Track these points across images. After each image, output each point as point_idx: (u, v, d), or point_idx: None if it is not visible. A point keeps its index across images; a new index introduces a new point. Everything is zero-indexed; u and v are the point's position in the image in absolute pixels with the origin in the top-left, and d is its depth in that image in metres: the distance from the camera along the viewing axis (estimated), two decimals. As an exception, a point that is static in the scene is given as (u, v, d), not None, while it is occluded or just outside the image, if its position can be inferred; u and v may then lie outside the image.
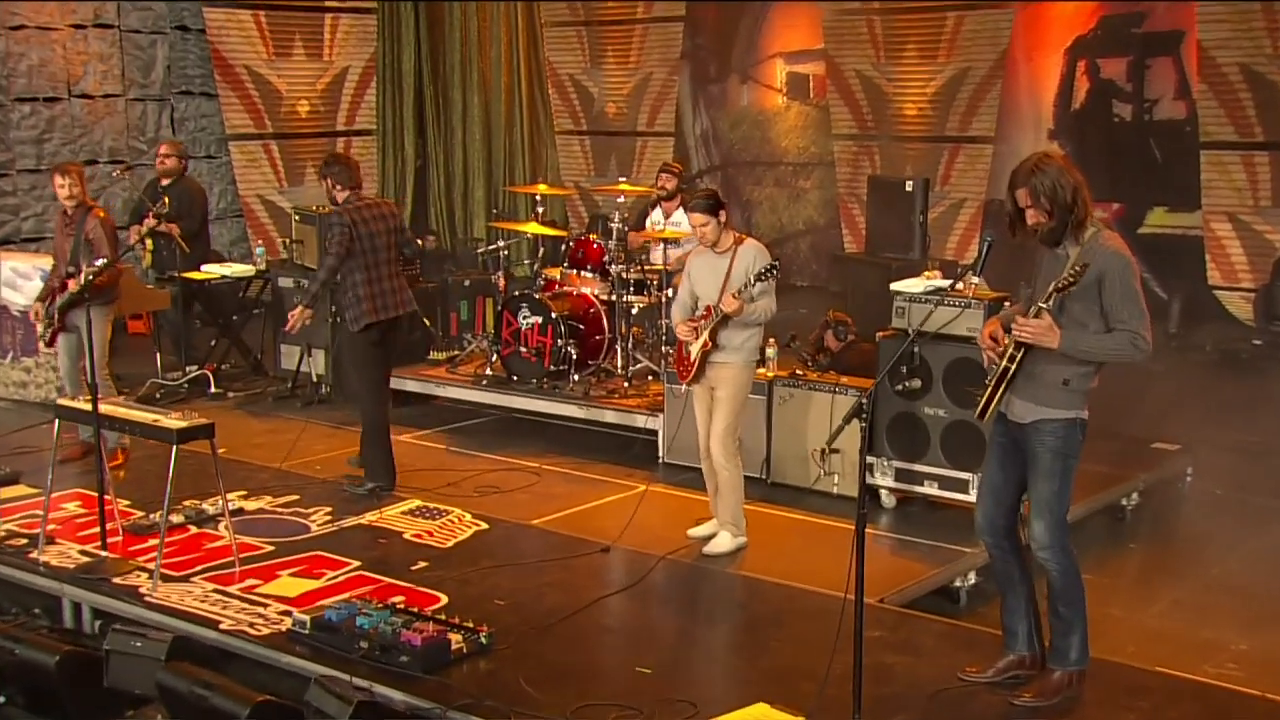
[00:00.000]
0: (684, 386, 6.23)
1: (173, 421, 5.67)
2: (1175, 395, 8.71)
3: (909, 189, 9.32)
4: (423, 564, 5.91)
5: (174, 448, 5.58)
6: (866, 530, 4.14)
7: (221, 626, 5.21)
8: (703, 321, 5.98)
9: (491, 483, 7.17)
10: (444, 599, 5.47)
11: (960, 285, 6.15)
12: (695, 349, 6.00)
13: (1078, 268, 4.27)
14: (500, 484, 7.15)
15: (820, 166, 12.97)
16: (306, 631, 5.01)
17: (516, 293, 8.41)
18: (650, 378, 8.21)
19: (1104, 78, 11.37)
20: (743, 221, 13.34)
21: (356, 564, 5.91)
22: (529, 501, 6.88)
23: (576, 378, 8.12)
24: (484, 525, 6.44)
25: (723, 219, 5.93)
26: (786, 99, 13.28)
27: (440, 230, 13.51)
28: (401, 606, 5.19)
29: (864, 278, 9.39)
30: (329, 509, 6.66)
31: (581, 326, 8.22)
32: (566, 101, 14.16)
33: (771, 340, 7.25)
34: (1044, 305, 4.32)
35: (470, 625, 4.99)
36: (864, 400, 4.11)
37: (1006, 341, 4.44)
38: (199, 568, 5.85)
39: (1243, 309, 10.64)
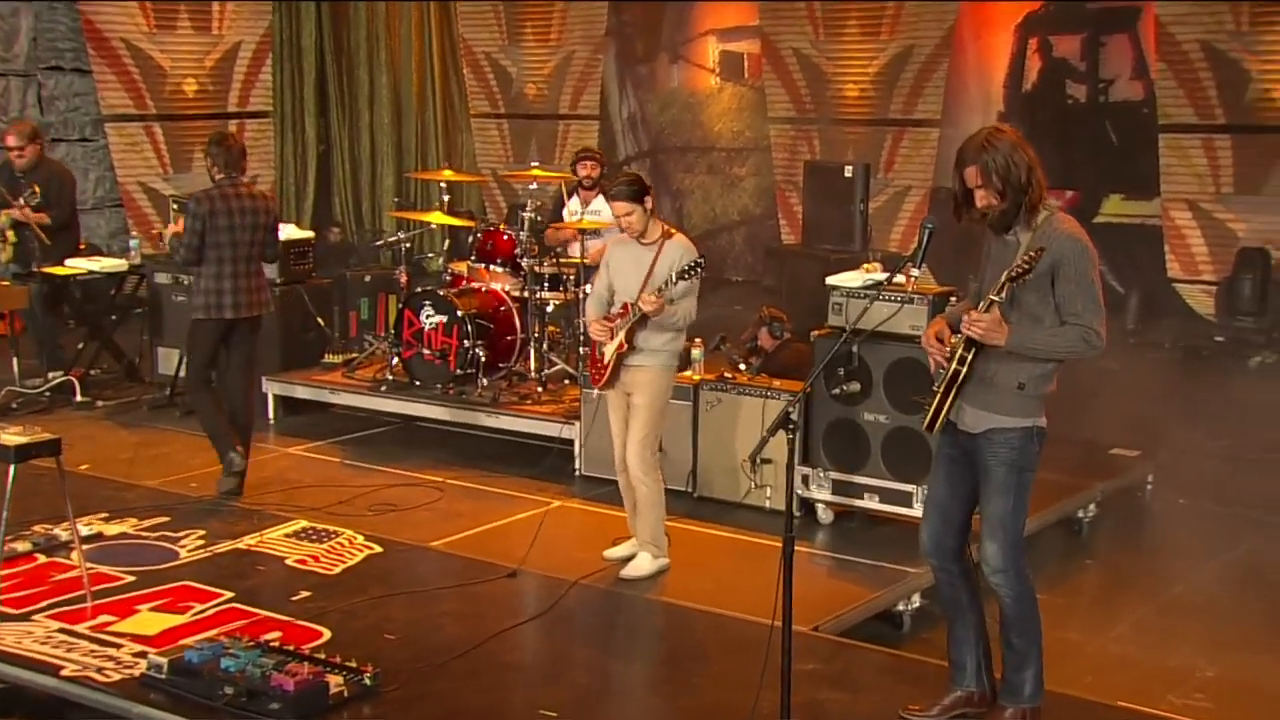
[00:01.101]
0: (596, 391, 6.05)
1: (11, 437, 5.27)
2: (1134, 397, 8.73)
3: (848, 175, 9.24)
4: (305, 594, 5.64)
5: (12, 467, 5.19)
6: (800, 549, 3.89)
7: (63, 673, 4.83)
8: (619, 320, 5.80)
9: (388, 500, 6.96)
10: (326, 634, 5.21)
11: (899, 278, 5.93)
12: (610, 350, 5.82)
13: (1031, 254, 4.10)
14: (398, 501, 6.95)
15: (756, 152, 12.93)
16: (163, 676, 4.67)
17: (419, 289, 8.24)
18: (566, 382, 8.09)
19: (1057, 56, 11.37)
20: (673, 212, 13.27)
21: (229, 595, 5.61)
22: (429, 521, 6.68)
23: (485, 382, 7.97)
24: (377, 548, 6.21)
25: (649, 206, 5.75)
26: (719, 80, 13.21)
27: (345, 221, 13.23)
28: (275, 644, 4.89)
29: (800, 271, 9.32)
30: (202, 532, 6.36)
31: (490, 326, 8.05)
32: (483, 82, 13.99)
33: (697, 340, 7.13)
34: (995, 298, 4.16)
35: (353, 665, 4.72)
36: (791, 407, 3.82)
37: (954, 341, 4.28)
38: (44, 603, 5.48)
39: (1204, 303, 10.66)
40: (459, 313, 7.91)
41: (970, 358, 4.23)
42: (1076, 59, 11.27)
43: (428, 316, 8.01)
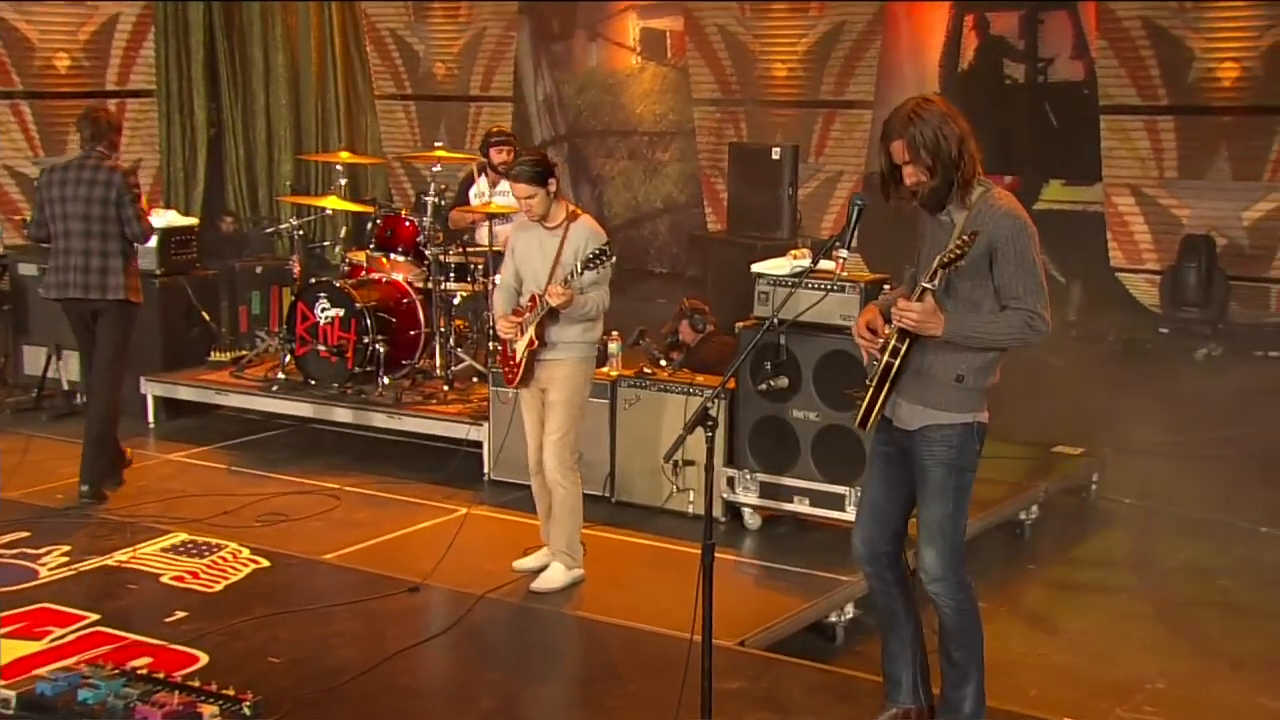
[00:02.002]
0: (510, 390, 5.94)
1: None
2: (1076, 392, 8.79)
3: (776, 157, 9.19)
4: (180, 614, 5.46)
5: None
6: (725, 558, 3.76)
7: (-101, 709, 4.53)
8: (527, 314, 5.68)
9: (279, 509, 6.83)
10: (203, 659, 5.03)
11: (827, 264, 5.81)
12: (520, 347, 5.72)
13: (965, 236, 4.00)
14: (289, 511, 6.82)
15: (680, 136, 12.91)
16: (10, 713, 4.42)
17: (313, 281, 8.12)
18: (475, 380, 8.04)
19: (994, 34, 11.42)
20: (593, 200, 13.20)
21: (93, 618, 5.40)
22: (323, 531, 6.55)
23: (386, 381, 7.88)
24: (264, 562, 6.07)
25: (552, 189, 5.64)
26: (640, 59, 13.19)
27: (240, 210, 12.92)
28: (143, 672, 4.68)
29: (725, 260, 9.19)
30: (66, 548, 6.17)
31: (392, 320, 7.94)
32: (388, 61, 13.82)
33: (615, 334, 7.05)
34: (928, 285, 4.06)
35: (231, 693, 4.52)
36: (710, 402, 3.67)
37: (887, 332, 4.18)
38: (-120, 632, 5.16)
39: (1148, 294, 10.77)
40: (357, 305, 7.78)
41: (904, 349, 4.14)
42: (1014, 37, 11.33)
43: (323, 310, 7.87)
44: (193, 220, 9.03)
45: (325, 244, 9.77)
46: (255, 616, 5.41)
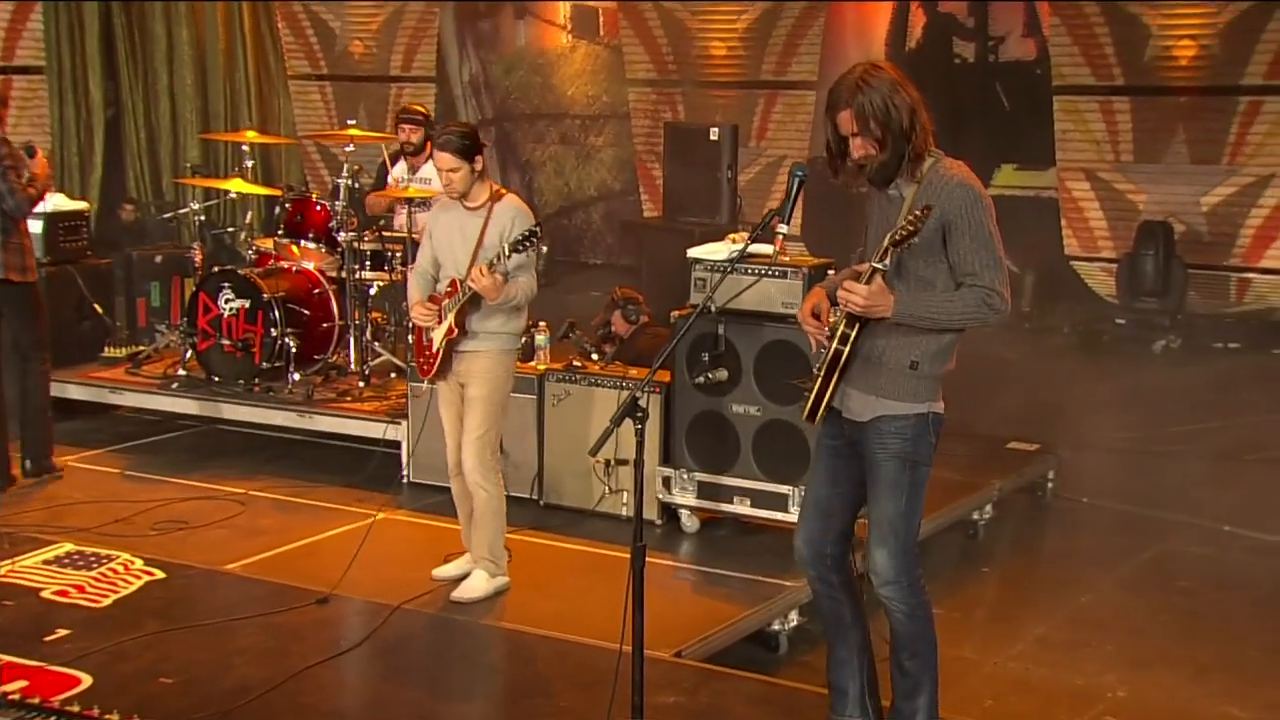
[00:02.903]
0: (426, 384, 5.85)
1: None
2: (1031, 386, 8.89)
3: (714, 138, 9.21)
4: (62, 632, 5.29)
5: None
6: (660, 562, 3.66)
7: None
8: (446, 300, 5.58)
9: (177, 516, 6.70)
10: (86, 681, 4.85)
11: (765, 248, 5.79)
12: (438, 336, 5.61)
13: (918, 211, 3.93)
14: (189, 517, 6.69)
15: (614, 119, 12.98)
16: None
17: (216, 270, 8.02)
18: (393, 375, 8.01)
19: (942, 12, 11.50)
20: (523, 187, 13.24)
21: None
22: (226, 539, 6.44)
23: (297, 377, 7.78)
24: (158, 574, 5.91)
25: (478, 166, 5.55)
26: (571, 38, 13.22)
27: (141, 197, 12.73)
28: (16, 697, 4.53)
29: (661, 247, 9.19)
30: None
31: (303, 311, 7.84)
32: (301, 39, 13.73)
33: (542, 325, 7.02)
34: (879, 265, 3.99)
35: (115, 718, 4.42)
36: (639, 391, 3.57)
37: (834, 318, 4.12)
38: None
39: (1104, 283, 10.88)
40: (264, 296, 7.68)
41: (854, 335, 4.07)
42: (963, 14, 11.41)
43: (227, 301, 7.77)
44: (83, 204, 8.83)
45: (230, 230, 9.58)
46: (147, 633, 5.26)
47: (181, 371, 7.99)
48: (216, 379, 7.88)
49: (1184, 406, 8.65)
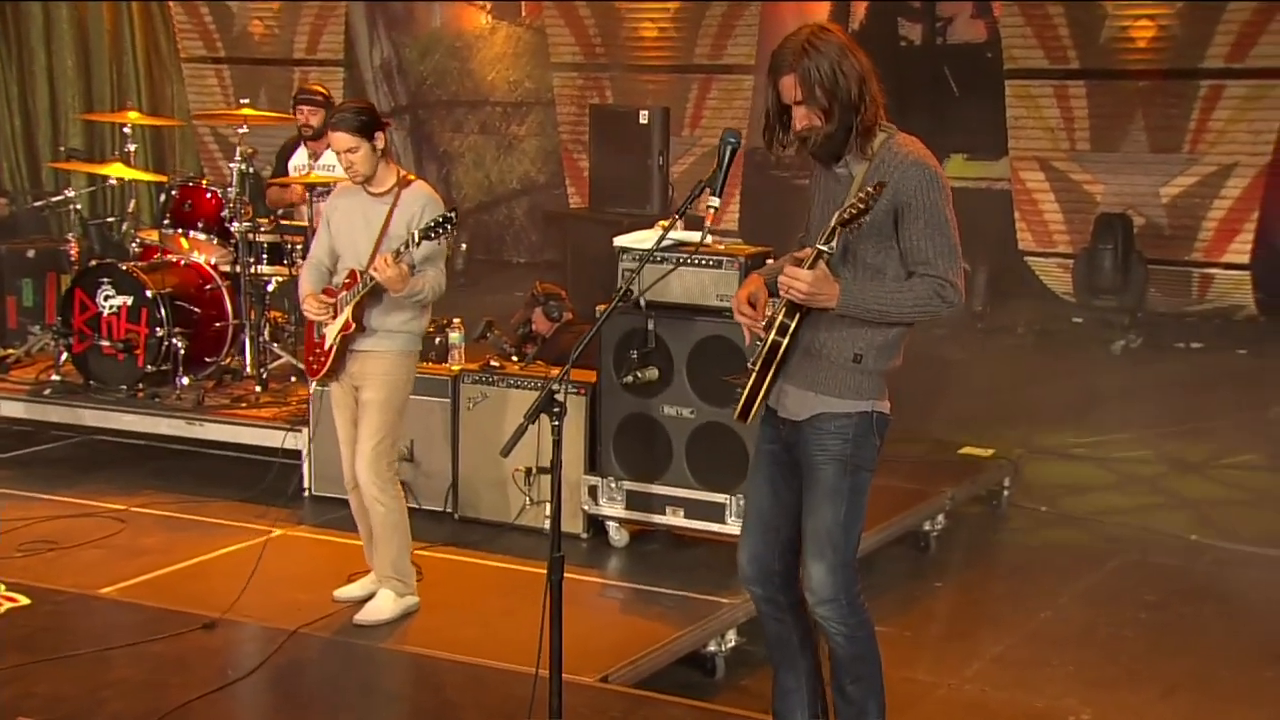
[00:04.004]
0: (315, 385, 5.83)
1: None
2: (984, 388, 8.94)
3: (644, 122, 9.24)
4: None
5: None
6: (585, 579, 3.84)
7: None
8: (343, 293, 5.48)
9: (47, 536, 6.55)
10: None
11: (681, 233, 5.85)
12: (332, 331, 5.50)
13: (868, 190, 3.85)
14: (61, 537, 6.55)
15: (538, 106, 13.01)
16: None
17: (94, 264, 7.88)
18: (293, 379, 7.96)
19: None
20: (440, 180, 13.25)
21: None
22: (102, 560, 6.30)
23: (186, 381, 7.72)
24: (22, 600, 5.73)
25: (379, 144, 5.44)
26: (491, 19, 13.23)
27: (17, 189, 12.55)
28: None
29: (587, 240, 9.19)
30: None
31: (193, 310, 7.78)
32: (195, 19, 13.65)
33: (456, 322, 7.00)
34: (824, 248, 3.90)
35: None
36: (557, 383, 3.55)
37: (773, 307, 4.05)
38: None
39: (1060, 279, 10.95)
40: (148, 293, 7.59)
41: (794, 326, 3.98)
42: None
43: (106, 298, 7.68)
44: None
45: (111, 220, 9.43)
46: (7, 666, 5.09)
47: (55, 376, 7.89)
48: (95, 384, 7.78)
49: (1146, 409, 8.73)
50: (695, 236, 5.84)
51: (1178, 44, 10.41)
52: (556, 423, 3.67)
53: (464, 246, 12.64)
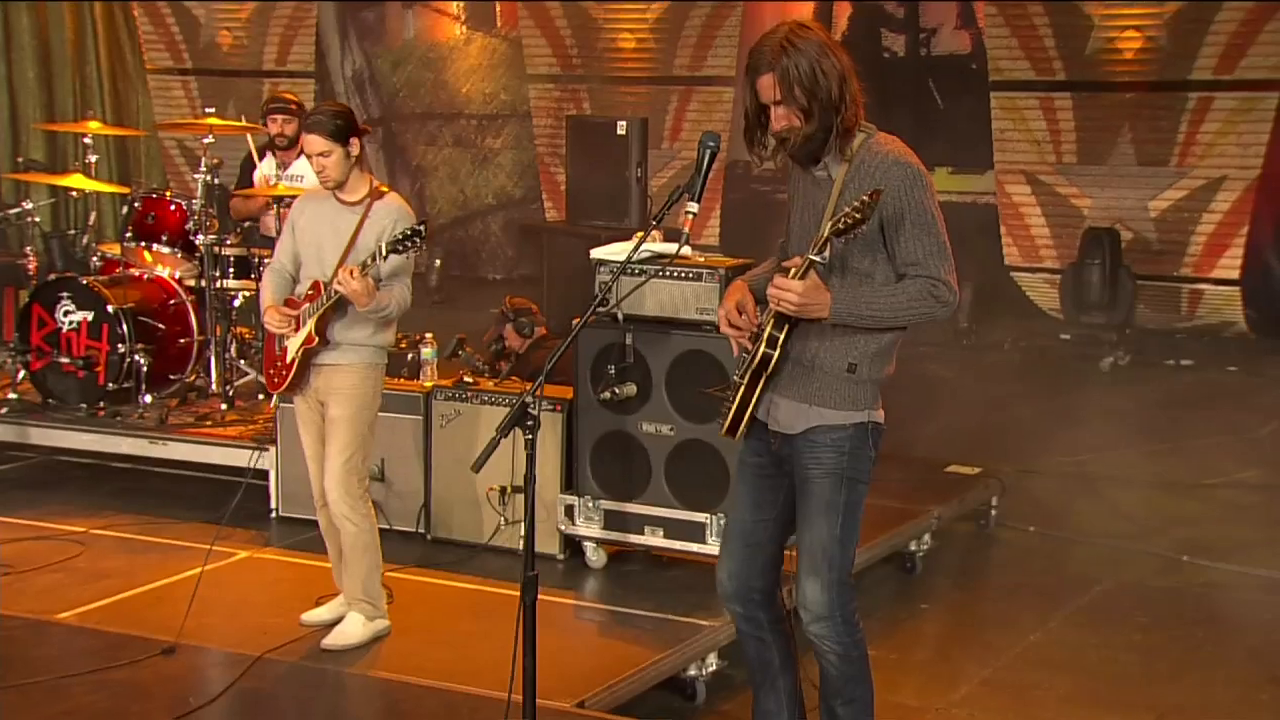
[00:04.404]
0: (275, 399, 5.84)
1: None
2: (971, 406, 8.98)
3: (621, 133, 9.23)
4: None
5: None
6: (561, 601, 3.96)
7: None
8: (307, 305, 5.42)
9: (3, 559, 6.42)
10: None
11: (656, 244, 5.83)
12: (294, 344, 5.45)
13: (865, 196, 3.81)
14: (17, 561, 6.43)
15: (513, 119, 13.07)
16: None
17: (54, 278, 7.87)
18: (260, 396, 7.91)
19: (870, 2, 11.64)
20: (413, 195, 13.22)
21: None
22: (60, 585, 6.21)
23: (149, 399, 7.68)
24: None
25: (354, 151, 5.39)
26: (466, 29, 13.30)
27: None
28: None
29: (564, 253, 9.29)
30: None
31: (157, 325, 7.76)
32: (161, 28, 13.66)
33: (429, 337, 7.00)
34: (815, 257, 3.89)
35: None
36: (530, 395, 3.55)
37: (760, 318, 4.04)
38: None
39: (1047, 296, 11.01)
40: (110, 308, 7.57)
41: (783, 337, 3.98)
42: (892, 4, 11.59)
43: (66, 313, 7.66)
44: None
45: (72, 233, 9.37)
46: None
47: (12, 395, 7.83)
48: (54, 402, 7.75)
49: (1135, 428, 8.74)
50: (674, 248, 5.91)
51: (1165, 55, 10.48)
52: (530, 436, 3.64)
53: (438, 263, 12.63)
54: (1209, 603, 6.49)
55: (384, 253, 5.20)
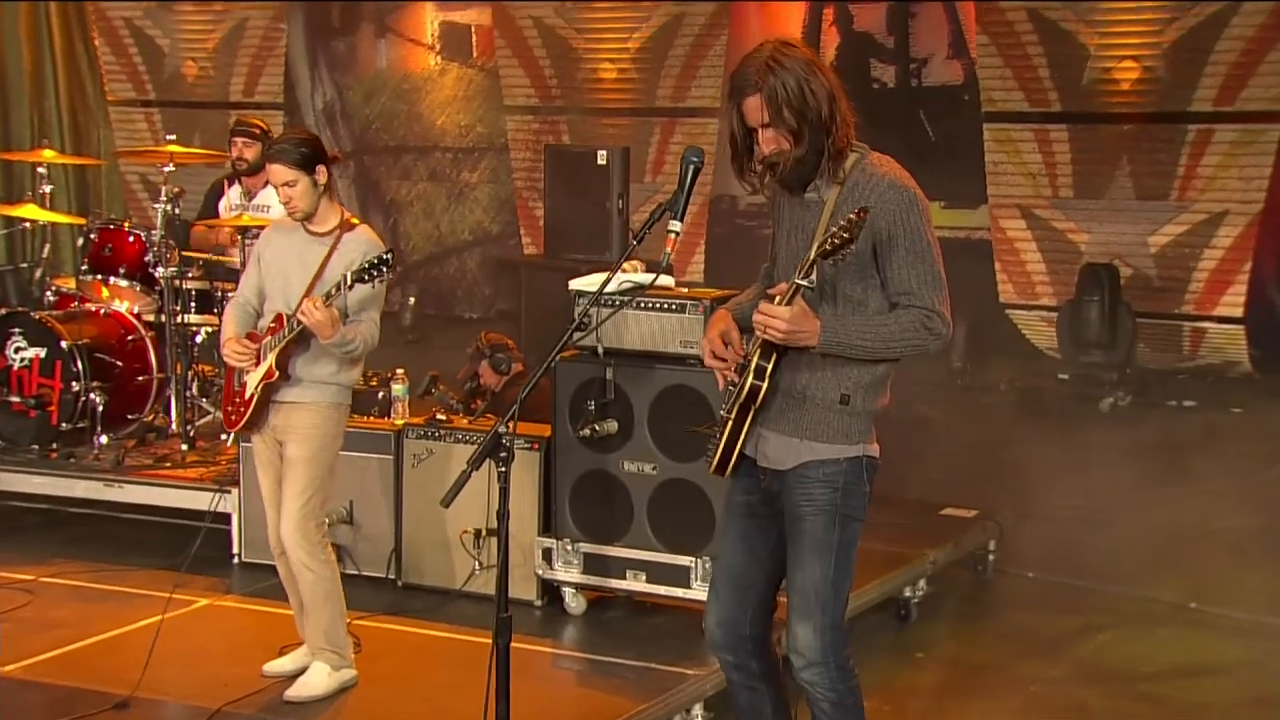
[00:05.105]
0: (232, 437, 5.85)
1: None
2: (966, 448, 8.97)
3: (602, 163, 9.27)
4: None
5: None
6: (538, 649, 4.00)
7: None
8: (268, 338, 5.37)
9: None
10: None
11: (637, 276, 5.85)
12: (254, 379, 5.40)
13: (851, 216, 3.77)
14: None
15: (490, 152, 13.04)
16: None
17: (3, 312, 7.89)
18: (223, 437, 7.80)
19: (858, 30, 11.62)
20: (386, 231, 13.22)
21: None
22: (6, 636, 6.08)
23: (104, 440, 7.68)
24: None
25: (321, 180, 5.35)
26: (440, 59, 13.25)
27: None
28: None
29: (542, 288, 9.21)
30: None
31: (114, 363, 7.75)
32: (123, 58, 13.63)
33: (400, 373, 6.96)
34: (802, 282, 3.85)
35: None
36: (503, 424, 3.55)
37: (746, 348, 4.01)
38: None
39: (1044, 334, 10.97)
40: (63, 344, 7.56)
41: (770, 367, 3.94)
42: (882, 33, 11.53)
43: (17, 350, 7.64)
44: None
45: (24, 266, 9.33)
46: None
47: None
48: (3, 443, 7.72)
49: (1136, 470, 8.68)
50: (654, 278, 5.86)
51: (1164, 86, 10.49)
52: (503, 469, 3.59)
53: (412, 301, 12.59)
54: (1219, 652, 6.46)
55: (349, 282, 5.16)
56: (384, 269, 5.17)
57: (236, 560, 7.00)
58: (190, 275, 7.70)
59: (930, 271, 3.92)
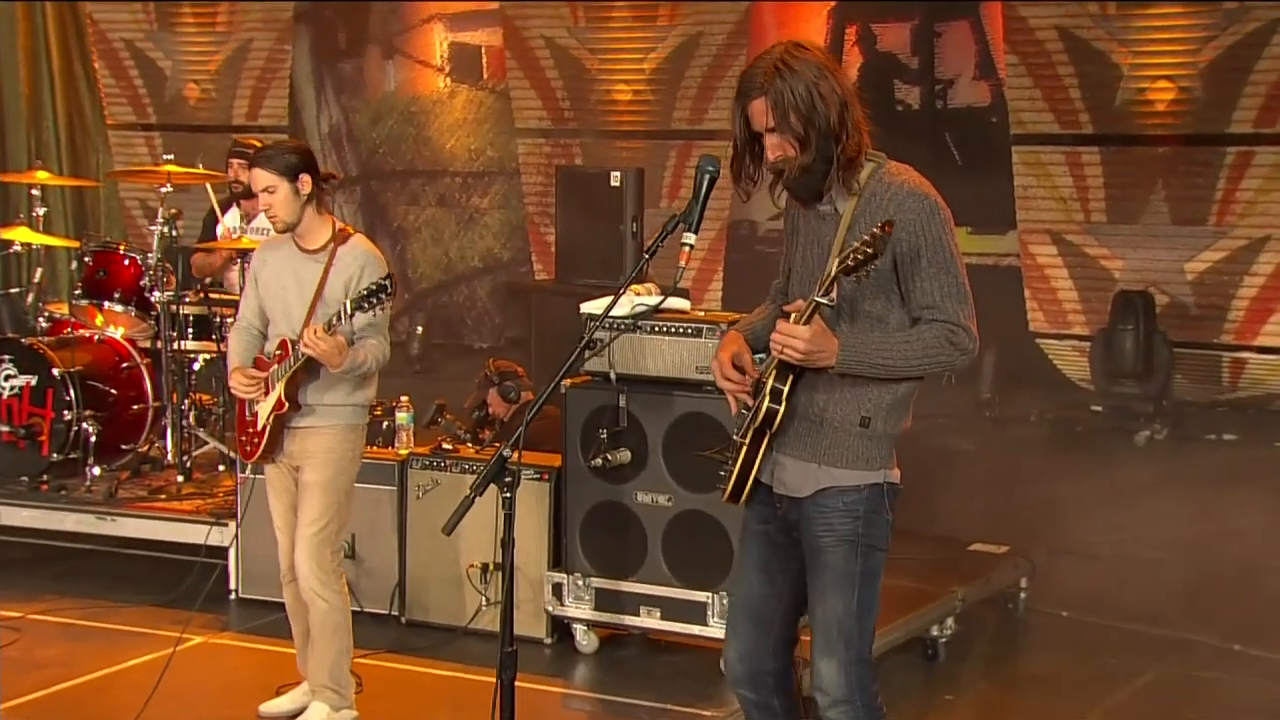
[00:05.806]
0: (249, 469, 5.85)
1: None
2: (995, 482, 8.94)
3: (616, 184, 9.21)
4: None
5: None
6: (547, 689, 4.04)
7: None
8: (275, 367, 5.38)
9: None
10: None
11: (679, 302, 5.91)
12: (265, 410, 5.41)
13: (876, 229, 3.70)
14: None
15: (501, 176, 13.05)
16: None
17: None
18: (221, 468, 7.94)
19: (881, 50, 11.64)
20: (394, 258, 13.12)
21: None
22: None
23: (97, 471, 7.69)
24: None
25: (304, 189, 5.35)
26: (450, 81, 13.29)
27: None
28: None
29: (553, 314, 9.18)
30: None
31: (109, 391, 7.78)
32: (124, 81, 13.66)
33: (404, 400, 6.99)
34: (822, 299, 3.78)
35: None
36: (506, 452, 3.49)
37: (760, 369, 3.95)
38: None
39: (1076, 364, 10.89)
40: (55, 371, 7.59)
41: (787, 390, 3.87)
42: (906, 54, 11.55)
43: (7, 377, 7.69)
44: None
45: (15, 291, 9.37)
46: None
47: None
48: None
49: (1175, 506, 8.64)
50: (670, 302, 5.93)
51: (1201, 107, 10.45)
52: (508, 494, 3.53)
53: (420, 330, 12.64)
54: (1265, 697, 6.36)
55: (350, 311, 5.17)
56: (383, 296, 5.17)
57: (234, 596, 7.04)
58: (187, 300, 7.72)
59: (954, 284, 3.85)
